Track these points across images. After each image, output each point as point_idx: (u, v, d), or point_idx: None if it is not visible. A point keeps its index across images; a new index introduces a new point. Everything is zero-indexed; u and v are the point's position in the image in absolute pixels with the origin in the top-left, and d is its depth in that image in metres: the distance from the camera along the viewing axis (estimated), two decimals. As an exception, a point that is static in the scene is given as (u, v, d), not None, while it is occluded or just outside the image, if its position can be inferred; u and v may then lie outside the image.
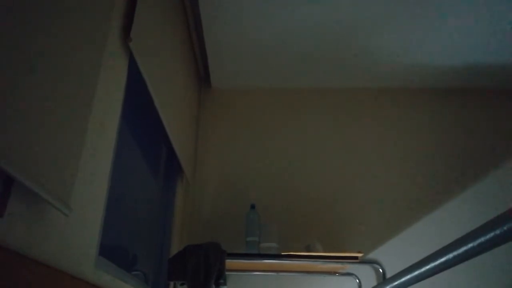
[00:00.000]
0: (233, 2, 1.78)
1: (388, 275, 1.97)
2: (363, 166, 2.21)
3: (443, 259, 0.88)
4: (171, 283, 1.81)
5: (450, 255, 0.84)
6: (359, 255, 1.78)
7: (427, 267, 0.97)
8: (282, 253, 1.81)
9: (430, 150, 2.24)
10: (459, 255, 0.81)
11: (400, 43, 2.03)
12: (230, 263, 1.79)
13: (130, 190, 1.38)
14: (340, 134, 2.30)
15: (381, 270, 1.98)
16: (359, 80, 2.36)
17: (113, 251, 1.18)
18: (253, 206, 1.93)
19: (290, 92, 2.42)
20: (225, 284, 1.62)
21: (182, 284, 1.68)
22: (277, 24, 1.91)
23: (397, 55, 2.12)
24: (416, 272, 1.05)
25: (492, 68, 2.21)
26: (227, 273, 1.73)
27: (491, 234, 0.70)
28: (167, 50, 1.53)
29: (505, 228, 0.67)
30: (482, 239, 0.72)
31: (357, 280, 1.97)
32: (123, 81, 1.07)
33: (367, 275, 1.99)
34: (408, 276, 1.12)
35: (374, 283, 1.97)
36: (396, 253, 2.02)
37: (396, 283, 1.22)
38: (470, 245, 0.76)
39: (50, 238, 0.69)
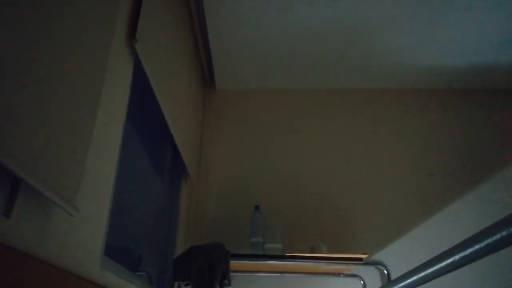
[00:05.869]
0: (238, 4, 1.79)
1: (393, 277, 1.96)
2: (368, 167, 2.21)
3: (449, 261, 0.88)
4: (176, 284, 1.81)
5: (457, 257, 0.84)
6: (364, 256, 1.77)
7: (433, 268, 0.97)
8: (286, 254, 1.81)
9: (435, 150, 2.23)
10: (465, 256, 0.81)
11: (403, 44, 2.02)
12: (234, 264, 1.79)
13: (135, 190, 1.38)
14: (345, 135, 2.30)
15: (386, 272, 1.96)
16: (363, 81, 2.35)
17: (118, 251, 1.18)
18: (257, 207, 1.93)
19: (294, 93, 2.42)
20: (229, 284, 1.62)
21: (186, 285, 1.68)
22: (282, 25, 1.91)
23: (400, 56, 2.11)
24: (422, 274, 1.04)
25: (494, 68, 2.19)
26: (231, 274, 1.73)
27: (498, 236, 0.69)
28: (172, 51, 1.54)
29: (512, 229, 0.66)
30: (489, 241, 0.72)
31: (362, 282, 1.96)
32: (129, 81, 1.08)
33: (372, 276, 1.98)
34: (414, 278, 1.11)
35: (379, 284, 1.96)
36: (402, 255, 2.01)
37: (401, 285, 1.22)
38: (477, 246, 0.75)
39: (56, 238, 0.69)
